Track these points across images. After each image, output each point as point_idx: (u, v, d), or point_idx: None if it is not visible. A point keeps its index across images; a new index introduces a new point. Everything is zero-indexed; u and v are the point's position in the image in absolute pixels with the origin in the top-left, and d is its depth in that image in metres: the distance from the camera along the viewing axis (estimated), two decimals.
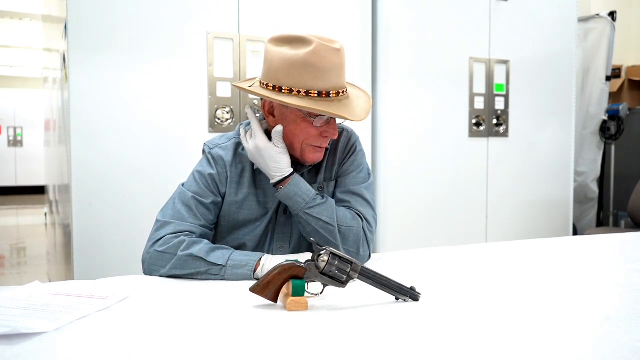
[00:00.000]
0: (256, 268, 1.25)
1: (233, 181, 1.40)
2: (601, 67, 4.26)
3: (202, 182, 1.38)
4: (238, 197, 1.40)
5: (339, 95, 1.31)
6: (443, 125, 2.98)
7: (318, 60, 1.26)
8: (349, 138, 1.49)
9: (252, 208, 1.41)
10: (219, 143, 1.43)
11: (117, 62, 2.26)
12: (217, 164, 1.40)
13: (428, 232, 2.93)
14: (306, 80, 1.27)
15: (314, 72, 1.26)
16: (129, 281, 1.26)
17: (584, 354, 0.81)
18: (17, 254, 5.60)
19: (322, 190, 1.45)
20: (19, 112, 10.62)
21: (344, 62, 1.32)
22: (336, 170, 1.47)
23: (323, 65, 1.26)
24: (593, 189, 4.36)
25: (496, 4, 3.05)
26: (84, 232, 2.23)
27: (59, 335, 0.88)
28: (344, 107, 1.31)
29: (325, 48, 1.26)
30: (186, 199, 1.36)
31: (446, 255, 1.61)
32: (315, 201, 1.34)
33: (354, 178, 1.45)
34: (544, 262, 1.54)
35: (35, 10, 6.94)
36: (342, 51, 1.30)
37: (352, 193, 1.43)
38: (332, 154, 1.47)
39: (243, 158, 1.41)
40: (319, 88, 1.27)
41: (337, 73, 1.29)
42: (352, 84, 1.44)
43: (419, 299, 1.09)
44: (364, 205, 1.42)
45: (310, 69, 1.26)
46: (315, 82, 1.27)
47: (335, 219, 1.35)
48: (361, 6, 2.76)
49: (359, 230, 1.37)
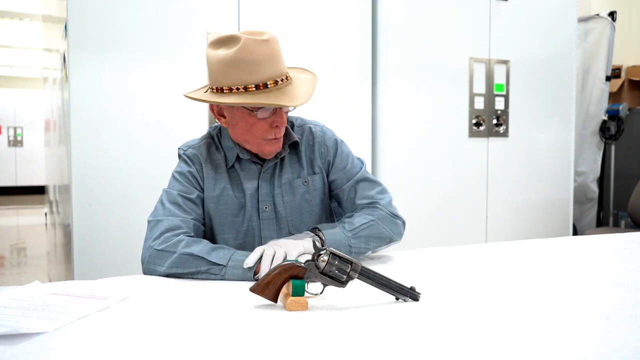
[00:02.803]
0: (257, 269, 1.25)
1: (209, 177, 1.45)
2: (601, 67, 4.26)
3: (183, 180, 1.43)
4: (215, 192, 1.44)
5: (277, 84, 1.32)
6: (443, 126, 2.98)
7: (248, 55, 1.29)
8: (324, 133, 1.53)
9: (228, 202, 1.45)
10: (191, 144, 1.50)
11: (117, 62, 2.26)
12: (193, 163, 1.46)
13: (428, 232, 2.93)
14: (241, 76, 1.30)
15: (246, 67, 1.29)
16: (129, 281, 1.26)
17: (584, 354, 0.81)
18: (17, 254, 5.60)
19: (307, 185, 1.48)
20: (19, 112, 10.63)
21: (277, 50, 1.33)
22: (320, 166, 1.51)
23: (254, 59, 1.29)
24: (593, 189, 4.36)
25: (496, 4, 3.05)
26: (84, 232, 2.23)
27: (59, 335, 0.88)
28: (283, 94, 1.32)
29: (253, 42, 1.29)
30: (172, 197, 1.40)
31: (446, 255, 1.60)
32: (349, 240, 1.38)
33: (352, 168, 1.52)
34: (544, 262, 1.54)
35: (35, 10, 6.94)
36: (271, 41, 1.32)
37: (357, 181, 1.51)
38: (309, 150, 1.50)
39: (216, 156, 1.47)
40: (255, 81, 1.30)
41: (270, 63, 1.30)
42: (302, 68, 1.46)
43: (419, 299, 1.09)
44: (372, 186, 1.51)
45: (242, 64, 1.29)
46: (250, 76, 1.29)
47: (361, 227, 1.41)
48: (361, 6, 2.76)
49: (383, 216, 1.45)
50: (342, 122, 2.61)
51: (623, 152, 4.40)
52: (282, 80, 1.33)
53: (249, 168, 1.46)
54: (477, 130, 3.06)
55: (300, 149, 1.49)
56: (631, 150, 4.35)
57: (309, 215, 1.50)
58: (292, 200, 1.48)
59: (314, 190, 1.50)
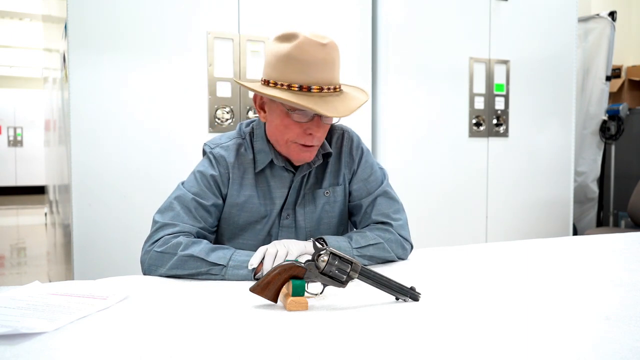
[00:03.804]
0: (258, 269, 1.25)
1: (235, 182, 1.38)
2: (601, 67, 4.26)
3: (203, 183, 1.36)
4: (240, 199, 1.38)
5: (322, 91, 1.26)
6: (443, 126, 2.98)
7: (300, 54, 1.24)
8: (352, 140, 1.46)
9: (253, 210, 1.40)
10: (220, 143, 1.41)
11: (117, 62, 2.26)
12: (219, 165, 1.38)
13: (428, 232, 2.93)
14: (288, 74, 1.25)
15: (296, 66, 1.24)
16: (129, 281, 1.26)
17: (584, 354, 0.81)
18: (17, 254, 5.60)
19: (328, 196, 1.44)
20: (19, 112, 10.63)
21: (333, 58, 1.27)
22: (344, 176, 1.45)
23: (305, 59, 1.24)
24: (593, 189, 4.36)
25: (496, 4, 3.05)
26: (84, 232, 2.23)
27: (59, 335, 0.88)
28: (324, 102, 1.25)
29: (310, 42, 1.24)
30: (186, 200, 1.34)
31: (446, 255, 1.60)
32: (353, 256, 1.34)
33: (373, 181, 1.46)
34: (544, 262, 1.54)
35: (35, 10, 6.94)
36: (329, 46, 1.26)
37: (377, 196, 1.45)
38: (336, 158, 1.45)
39: (245, 159, 1.39)
40: (300, 81, 1.24)
41: (321, 68, 1.25)
42: (359, 88, 1.40)
43: (419, 299, 1.09)
44: (390, 204, 1.45)
45: (292, 62, 1.24)
46: (298, 75, 1.24)
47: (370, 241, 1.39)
48: (361, 6, 2.76)
49: (394, 239, 1.42)
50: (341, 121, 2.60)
51: (623, 152, 4.40)
52: (329, 90, 1.27)
53: (280, 175, 1.40)
54: (477, 130, 3.05)
55: (328, 159, 1.44)
56: (631, 150, 4.35)
57: (327, 226, 1.46)
58: (313, 210, 1.43)
59: (335, 202, 1.45)
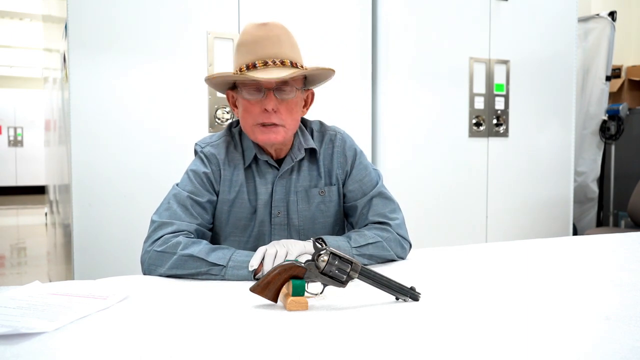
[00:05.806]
0: (258, 268, 1.25)
1: (226, 179, 1.41)
2: (601, 67, 4.26)
3: (197, 181, 1.39)
4: (230, 195, 1.41)
5: (267, 65, 1.30)
6: (443, 125, 2.98)
7: (243, 37, 1.33)
8: (344, 141, 1.48)
9: (242, 206, 1.42)
10: (210, 142, 1.45)
11: (117, 62, 2.26)
12: (210, 163, 1.41)
13: (428, 232, 2.93)
14: (239, 59, 1.33)
15: (241, 49, 1.33)
16: (129, 281, 1.26)
17: (584, 354, 0.81)
18: (17, 254, 5.60)
19: (323, 195, 1.45)
20: (19, 112, 10.64)
21: (277, 34, 1.32)
22: (338, 176, 1.47)
23: (246, 39, 1.32)
24: (593, 189, 4.36)
25: (496, 4, 3.05)
26: (84, 232, 2.23)
27: (59, 335, 0.88)
28: (264, 73, 1.28)
29: (252, 25, 1.33)
30: (182, 198, 1.36)
31: (446, 255, 1.60)
32: (353, 255, 1.35)
33: (368, 182, 1.48)
34: (544, 262, 1.54)
35: (35, 10, 6.94)
36: (270, 24, 1.32)
37: (372, 196, 1.47)
38: (329, 159, 1.47)
39: (235, 156, 1.43)
40: (247, 61, 1.31)
41: (263, 44, 1.30)
42: (329, 68, 1.38)
43: (419, 299, 1.09)
44: (386, 204, 1.48)
45: (239, 47, 1.34)
46: (244, 57, 1.32)
47: (369, 240, 1.40)
48: (361, 6, 2.76)
49: (392, 238, 1.44)
50: (342, 121, 2.59)
51: (623, 152, 4.40)
52: (275, 63, 1.30)
53: (265, 171, 1.43)
54: (477, 130, 3.06)
55: (319, 158, 1.46)
56: (631, 150, 4.35)
57: (322, 225, 1.47)
58: (306, 209, 1.45)
59: (330, 202, 1.47)
